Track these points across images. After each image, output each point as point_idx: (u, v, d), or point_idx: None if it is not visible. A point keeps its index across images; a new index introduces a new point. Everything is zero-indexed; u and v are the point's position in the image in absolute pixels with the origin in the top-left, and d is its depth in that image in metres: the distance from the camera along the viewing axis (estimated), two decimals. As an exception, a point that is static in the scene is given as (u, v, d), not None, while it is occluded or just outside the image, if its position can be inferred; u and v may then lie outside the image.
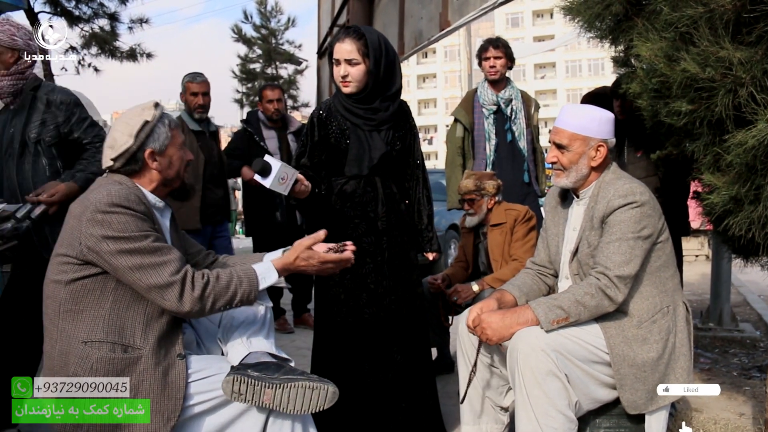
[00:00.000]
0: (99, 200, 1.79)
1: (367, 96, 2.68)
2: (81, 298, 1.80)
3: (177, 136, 2.02)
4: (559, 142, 2.23)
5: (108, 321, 1.80)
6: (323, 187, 2.72)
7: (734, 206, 2.02)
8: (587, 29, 2.66)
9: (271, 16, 21.78)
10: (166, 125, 1.98)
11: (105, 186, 1.87)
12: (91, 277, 1.81)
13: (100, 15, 10.62)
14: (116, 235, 1.77)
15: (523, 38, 49.85)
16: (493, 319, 2.10)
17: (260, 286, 1.94)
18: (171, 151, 2.00)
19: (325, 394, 1.83)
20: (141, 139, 1.93)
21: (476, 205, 3.50)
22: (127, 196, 1.83)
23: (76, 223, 1.80)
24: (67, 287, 1.80)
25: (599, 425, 2.20)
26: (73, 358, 1.76)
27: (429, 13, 5.93)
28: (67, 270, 1.81)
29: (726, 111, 1.91)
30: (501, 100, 4.11)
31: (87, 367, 1.74)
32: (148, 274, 1.77)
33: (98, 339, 1.78)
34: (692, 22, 1.95)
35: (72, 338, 1.77)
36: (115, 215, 1.78)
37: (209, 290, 1.83)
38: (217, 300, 1.85)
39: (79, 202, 1.86)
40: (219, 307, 1.87)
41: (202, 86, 4.40)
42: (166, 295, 1.78)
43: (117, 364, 1.77)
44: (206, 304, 1.83)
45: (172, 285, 1.78)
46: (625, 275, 2.06)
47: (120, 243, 1.76)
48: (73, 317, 1.79)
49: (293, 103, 20.69)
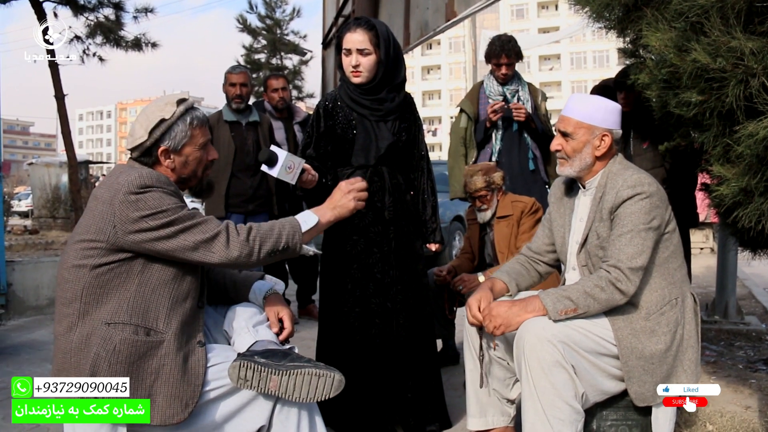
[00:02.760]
0: (130, 182, 1.79)
1: (375, 86, 2.69)
2: (107, 281, 1.79)
3: (198, 136, 1.97)
4: (564, 130, 2.23)
5: (132, 304, 1.79)
6: (329, 177, 2.72)
7: (744, 198, 2.00)
8: (596, 20, 2.63)
9: (276, 6, 21.70)
10: (186, 123, 1.93)
11: (134, 169, 1.86)
12: (119, 263, 1.80)
13: (105, 4, 10.59)
14: (153, 211, 1.77)
15: (528, 30, 49.73)
16: (500, 309, 2.10)
17: (303, 228, 1.95)
18: (188, 150, 1.96)
19: (331, 382, 1.83)
20: (155, 137, 1.91)
21: (487, 200, 3.49)
22: (158, 176, 1.85)
23: (107, 208, 1.79)
24: (92, 271, 1.79)
25: (606, 417, 2.19)
26: (96, 339, 1.74)
27: (435, 4, 5.89)
28: (93, 255, 1.79)
29: (737, 102, 1.88)
30: (507, 91, 4.11)
31: (110, 349, 1.73)
32: (192, 232, 1.80)
33: (122, 321, 1.77)
34: (703, 11, 1.92)
35: (95, 320, 1.77)
36: (149, 193, 1.79)
37: (254, 234, 1.85)
38: (264, 242, 1.87)
39: (106, 188, 1.84)
40: (266, 252, 1.87)
41: (240, 77, 4.53)
42: (213, 247, 1.80)
43: (140, 347, 1.76)
44: (254, 248, 1.84)
45: (217, 235, 1.81)
46: (637, 267, 2.05)
47: (159, 217, 1.78)
48: (97, 300, 1.78)
49: (298, 93, 20.65)
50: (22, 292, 5.35)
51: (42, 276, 5.47)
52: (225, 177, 4.44)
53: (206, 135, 2.01)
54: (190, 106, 1.97)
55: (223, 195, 4.43)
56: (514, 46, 4.05)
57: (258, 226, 1.88)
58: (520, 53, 4.09)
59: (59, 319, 1.83)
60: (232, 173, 4.46)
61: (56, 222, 14.84)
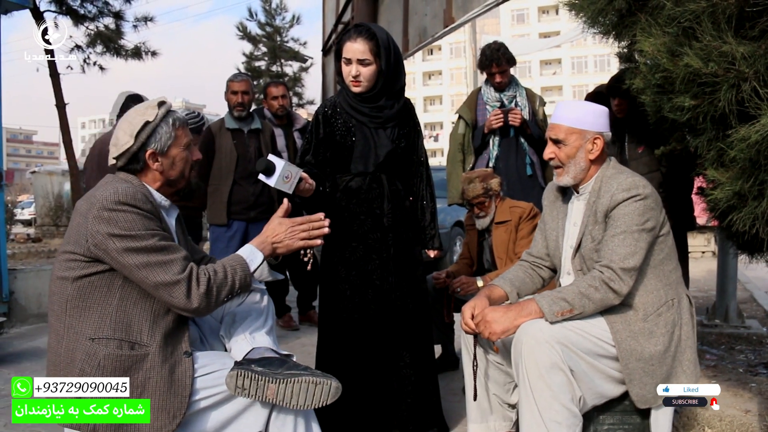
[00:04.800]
0: (105, 198, 1.80)
1: (375, 95, 2.68)
2: (88, 294, 1.81)
3: (181, 137, 2.00)
4: (556, 137, 2.24)
5: (115, 318, 1.80)
6: (327, 184, 2.73)
7: (738, 202, 2.01)
8: (590, 25, 2.65)
9: (275, 13, 21.74)
10: (169, 125, 1.96)
11: (112, 184, 1.87)
12: (98, 274, 1.82)
13: (105, 14, 10.67)
14: (122, 233, 1.77)
15: (529, 34, 49.75)
16: (495, 315, 2.10)
17: (251, 267, 1.95)
18: (174, 151, 1.98)
19: (328, 389, 1.84)
20: (142, 140, 1.92)
21: (485, 207, 3.49)
22: (134, 194, 1.83)
23: (83, 221, 1.81)
24: (74, 284, 1.81)
25: (603, 422, 2.19)
26: (80, 354, 1.76)
27: (433, 10, 5.92)
28: (74, 267, 1.81)
29: (729, 106, 1.89)
30: (504, 97, 4.13)
31: (94, 364, 1.75)
32: (154, 272, 1.78)
33: (105, 336, 1.78)
34: (695, 16, 1.93)
35: (79, 335, 1.78)
36: (122, 213, 1.79)
37: (212, 284, 1.84)
38: (221, 292, 1.86)
39: (85, 200, 1.86)
40: (222, 299, 1.88)
41: (242, 85, 4.57)
42: (174, 293, 1.79)
43: (124, 362, 1.77)
44: (212, 299, 1.84)
45: (179, 283, 1.79)
46: (630, 267, 2.06)
47: (126, 241, 1.77)
48: (80, 314, 1.80)
49: (298, 100, 20.69)
50: (24, 300, 5.37)
51: (44, 284, 5.48)
52: (227, 184, 4.47)
53: (188, 135, 2.04)
54: (169, 108, 2.00)
55: (226, 202, 4.47)
56: (504, 53, 4.05)
57: (214, 273, 1.86)
58: (512, 59, 4.10)
59: (50, 331, 1.85)
60: (234, 181, 4.49)
61: (59, 230, 14.89)
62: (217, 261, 2.04)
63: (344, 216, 2.69)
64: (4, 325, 4.88)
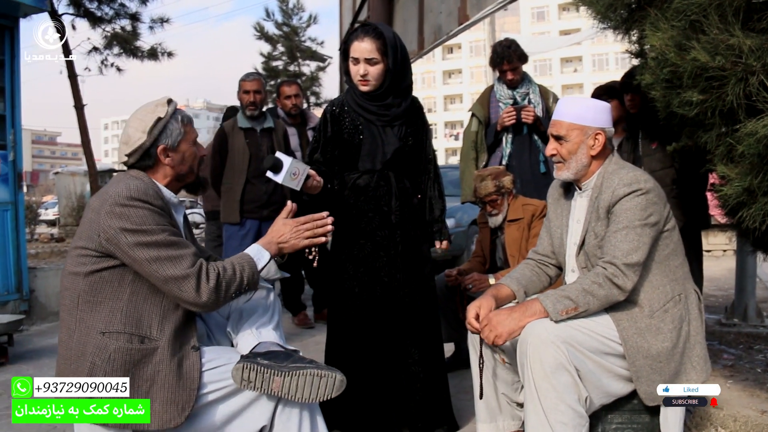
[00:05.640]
0: (118, 194, 1.83)
1: (382, 93, 2.69)
2: (100, 289, 1.84)
3: (190, 132, 2.05)
4: (557, 133, 2.23)
5: (126, 312, 1.84)
6: (336, 182, 2.74)
7: (748, 198, 1.98)
8: (600, 20, 2.63)
9: (292, 13, 21.82)
10: (179, 121, 2.01)
11: (123, 180, 1.91)
12: (110, 269, 1.85)
13: (121, 15, 10.79)
14: (134, 228, 1.80)
15: (549, 32, 49.39)
16: (500, 318, 2.08)
17: (258, 266, 1.99)
18: (183, 146, 2.03)
19: (333, 383, 1.85)
20: (154, 136, 1.97)
21: (498, 204, 3.47)
22: (146, 190, 1.87)
23: (95, 216, 1.84)
24: (86, 279, 1.84)
25: (611, 421, 2.17)
26: (91, 348, 1.79)
27: (448, 8, 5.91)
28: (86, 262, 1.84)
29: (737, 100, 1.87)
30: (517, 95, 4.11)
31: (105, 358, 1.78)
32: (165, 266, 1.81)
33: (116, 330, 1.81)
34: (702, 9, 1.91)
35: (90, 329, 1.81)
36: (134, 209, 1.82)
37: (221, 279, 1.87)
38: (229, 287, 1.89)
39: (97, 196, 1.90)
40: (230, 295, 1.91)
41: (253, 84, 4.58)
42: (183, 287, 1.82)
43: (134, 355, 1.80)
44: (220, 294, 1.87)
45: (188, 277, 1.82)
46: (633, 263, 2.04)
47: (138, 236, 1.80)
48: (91, 308, 1.83)
49: (316, 99, 20.75)
50: (44, 297, 5.46)
51: (63, 282, 5.57)
52: (240, 183, 4.50)
53: (195, 132, 2.10)
54: (176, 106, 2.05)
55: (238, 201, 4.50)
56: (515, 50, 4.02)
57: (223, 270, 1.89)
58: (523, 56, 4.07)
59: (61, 326, 1.89)
60: (247, 179, 4.51)
61: (81, 230, 15.05)
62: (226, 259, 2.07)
63: (352, 213, 2.70)
64: (24, 322, 4.96)
